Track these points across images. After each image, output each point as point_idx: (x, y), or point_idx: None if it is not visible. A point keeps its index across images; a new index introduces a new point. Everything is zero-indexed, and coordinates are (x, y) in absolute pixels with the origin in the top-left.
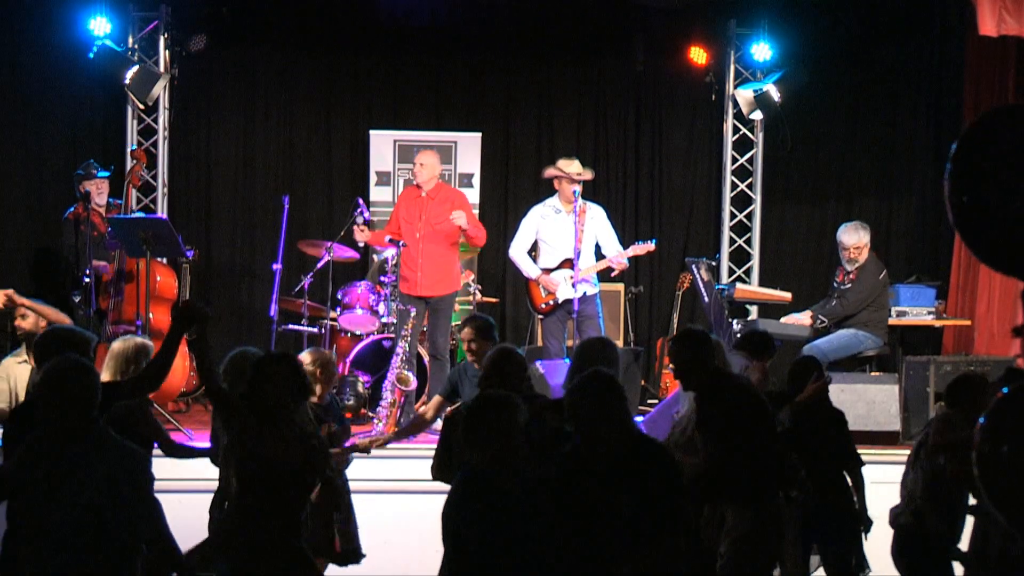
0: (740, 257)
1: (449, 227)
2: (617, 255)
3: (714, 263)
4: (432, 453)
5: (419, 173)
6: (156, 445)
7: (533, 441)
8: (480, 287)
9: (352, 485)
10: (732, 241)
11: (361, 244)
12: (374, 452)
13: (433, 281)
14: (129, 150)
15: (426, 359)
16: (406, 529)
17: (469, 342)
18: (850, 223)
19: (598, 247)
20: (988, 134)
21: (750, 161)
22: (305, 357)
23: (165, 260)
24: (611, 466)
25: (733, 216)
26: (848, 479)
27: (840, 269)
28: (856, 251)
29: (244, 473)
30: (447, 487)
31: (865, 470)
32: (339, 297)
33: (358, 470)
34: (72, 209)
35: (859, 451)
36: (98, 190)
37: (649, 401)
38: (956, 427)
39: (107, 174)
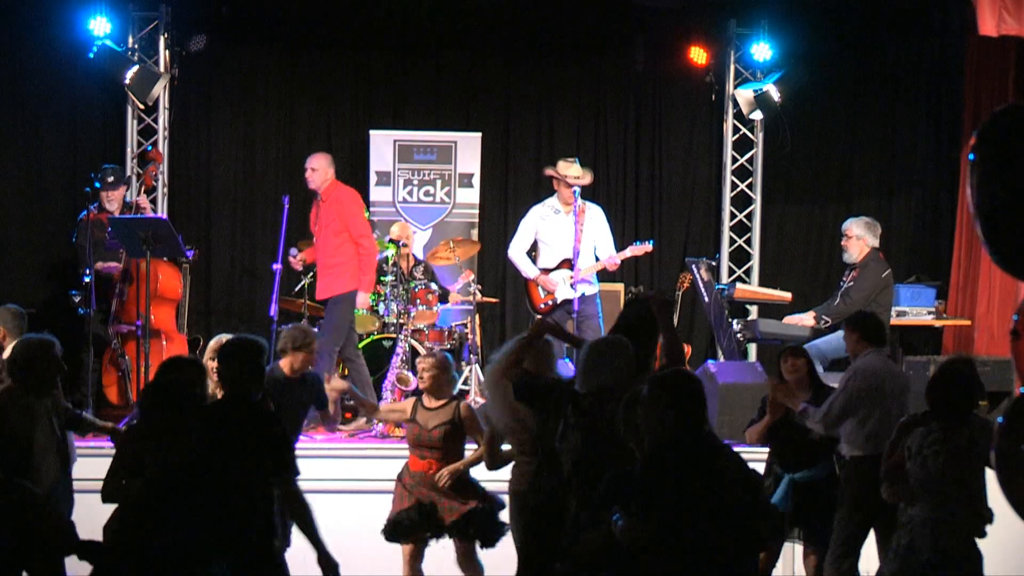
0: (740, 257)
1: (337, 226)
2: (610, 257)
3: (714, 263)
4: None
5: (311, 178)
6: None
7: None
8: (480, 287)
9: (345, 485)
10: (732, 241)
11: (300, 270)
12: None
13: (326, 283)
14: (145, 149)
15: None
16: None
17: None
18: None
19: (596, 247)
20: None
21: (750, 161)
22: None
23: (167, 260)
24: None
25: (733, 216)
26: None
27: (848, 270)
28: (845, 240)
29: None
30: None
31: None
32: None
33: (349, 470)
34: (88, 211)
35: None
36: (108, 198)
37: None
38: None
39: (99, 186)
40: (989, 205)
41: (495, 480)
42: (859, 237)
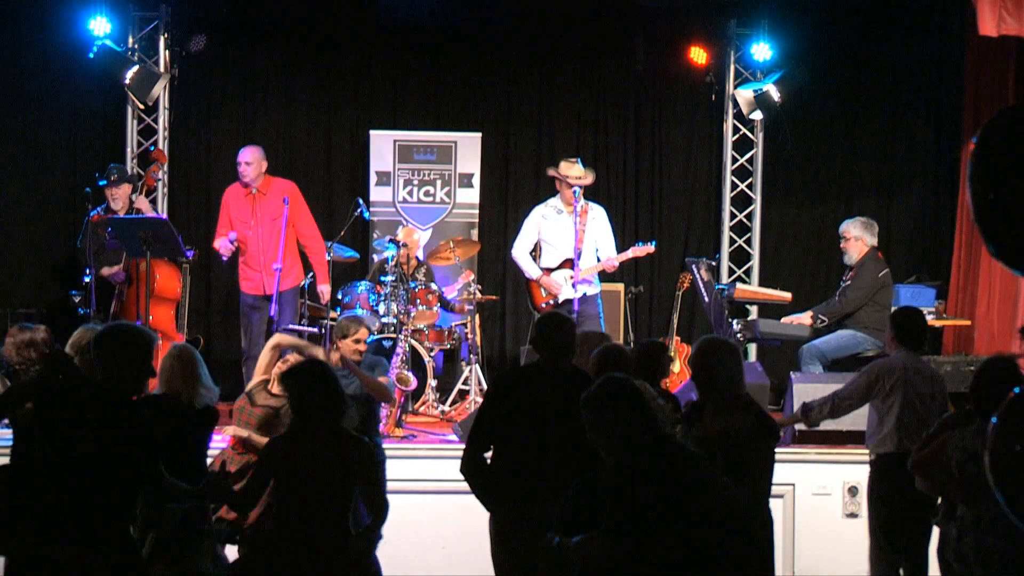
0: (740, 257)
1: (283, 218)
2: (608, 259)
3: (714, 263)
4: (431, 453)
5: (246, 172)
6: None
7: None
8: (480, 286)
9: None
10: (732, 241)
11: (226, 258)
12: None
13: (277, 277)
14: (148, 149)
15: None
16: (404, 528)
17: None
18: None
19: (597, 248)
20: (1011, 129)
21: (750, 161)
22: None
23: (167, 259)
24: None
25: (733, 216)
26: None
27: (847, 270)
28: (844, 242)
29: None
30: (435, 487)
31: (864, 469)
32: (339, 297)
33: None
34: (96, 212)
35: (858, 451)
36: (112, 196)
37: None
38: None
39: (104, 183)
40: (985, 199)
41: None
42: (857, 238)
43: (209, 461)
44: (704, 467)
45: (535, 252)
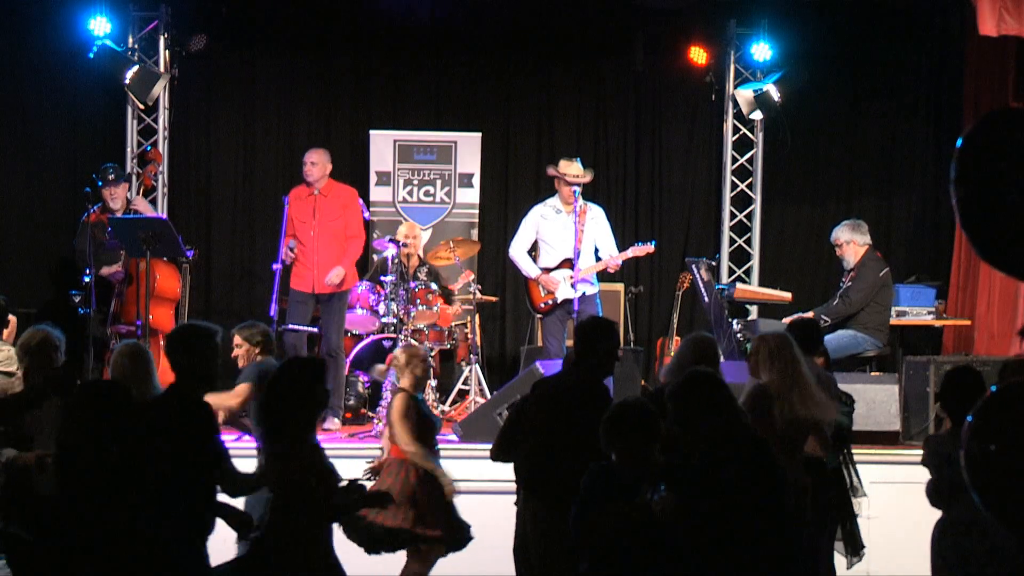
0: (740, 257)
1: (341, 225)
2: (611, 257)
3: (714, 263)
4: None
5: (310, 172)
6: None
7: None
8: (480, 286)
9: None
10: (732, 241)
11: (289, 263)
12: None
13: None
14: (145, 149)
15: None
16: None
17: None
18: (845, 221)
19: (597, 247)
20: (995, 132)
21: (750, 161)
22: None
23: (166, 259)
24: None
25: (733, 216)
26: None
27: (847, 271)
28: (839, 249)
29: None
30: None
31: (865, 470)
32: None
33: (349, 470)
34: (91, 212)
35: (858, 451)
36: (111, 196)
37: None
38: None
39: (101, 184)
40: (969, 203)
41: None
42: (848, 241)
43: None
44: (780, 464)
45: (534, 252)
